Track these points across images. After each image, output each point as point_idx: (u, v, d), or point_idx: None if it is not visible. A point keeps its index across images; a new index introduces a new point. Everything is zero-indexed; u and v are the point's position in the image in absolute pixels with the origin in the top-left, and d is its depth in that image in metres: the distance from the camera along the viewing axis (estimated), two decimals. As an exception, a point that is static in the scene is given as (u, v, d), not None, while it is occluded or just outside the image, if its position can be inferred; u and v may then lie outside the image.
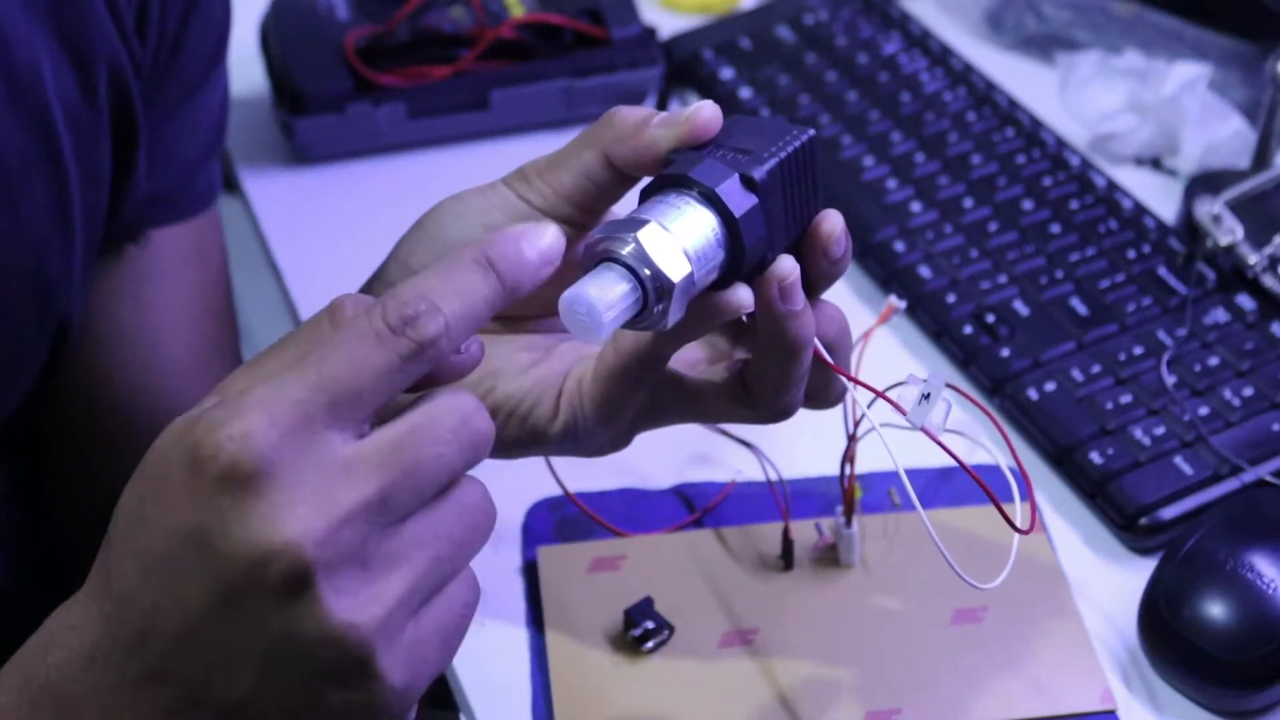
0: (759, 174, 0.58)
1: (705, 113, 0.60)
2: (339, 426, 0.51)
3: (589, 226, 0.64)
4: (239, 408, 0.50)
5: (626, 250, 0.56)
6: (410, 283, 0.53)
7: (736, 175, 0.58)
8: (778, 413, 0.64)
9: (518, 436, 0.66)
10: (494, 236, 0.55)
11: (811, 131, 0.61)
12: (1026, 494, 0.71)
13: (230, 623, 0.51)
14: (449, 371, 0.55)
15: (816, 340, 0.62)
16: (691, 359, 0.65)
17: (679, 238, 0.56)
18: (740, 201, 0.58)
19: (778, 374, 0.62)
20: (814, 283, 0.62)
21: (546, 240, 0.56)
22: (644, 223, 0.56)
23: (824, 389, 0.65)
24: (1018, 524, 0.66)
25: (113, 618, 0.53)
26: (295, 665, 0.51)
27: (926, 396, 0.63)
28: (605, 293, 0.55)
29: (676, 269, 0.56)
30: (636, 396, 0.64)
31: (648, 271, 0.56)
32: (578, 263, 0.58)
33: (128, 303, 0.84)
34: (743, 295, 0.60)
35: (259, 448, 0.50)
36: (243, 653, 0.51)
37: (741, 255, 0.58)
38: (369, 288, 0.68)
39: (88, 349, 0.82)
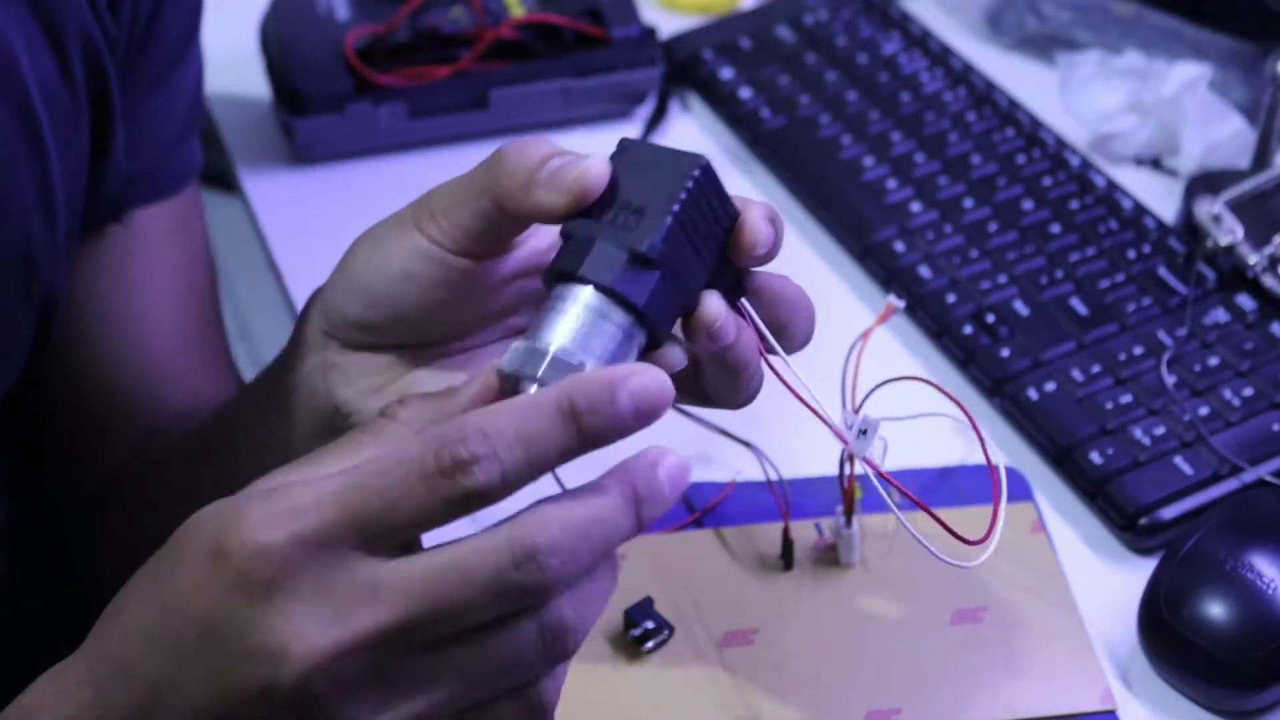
0: (653, 247, 0.56)
1: (591, 176, 0.58)
2: (366, 551, 0.50)
3: (499, 254, 0.63)
4: (271, 512, 0.50)
5: (534, 389, 0.54)
6: (478, 415, 0.50)
7: (627, 256, 0.56)
8: (738, 406, 0.64)
9: None
10: (587, 377, 0.51)
11: (703, 161, 0.58)
12: (995, 495, 0.70)
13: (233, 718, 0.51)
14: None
15: (778, 355, 0.61)
16: None
17: (584, 353, 0.55)
18: (640, 287, 0.56)
19: (729, 386, 0.62)
20: (743, 293, 0.61)
21: (653, 390, 0.52)
22: (544, 354, 0.54)
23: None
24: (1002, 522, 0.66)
25: (105, 690, 0.52)
26: None
27: (864, 432, 0.62)
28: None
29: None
30: None
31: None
32: (483, 287, 0.60)
33: (113, 283, 0.84)
34: (673, 358, 0.58)
35: (278, 560, 0.49)
36: None
37: (657, 330, 0.57)
38: (310, 305, 0.68)
39: (75, 332, 0.83)
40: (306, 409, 0.68)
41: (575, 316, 0.56)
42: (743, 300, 0.61)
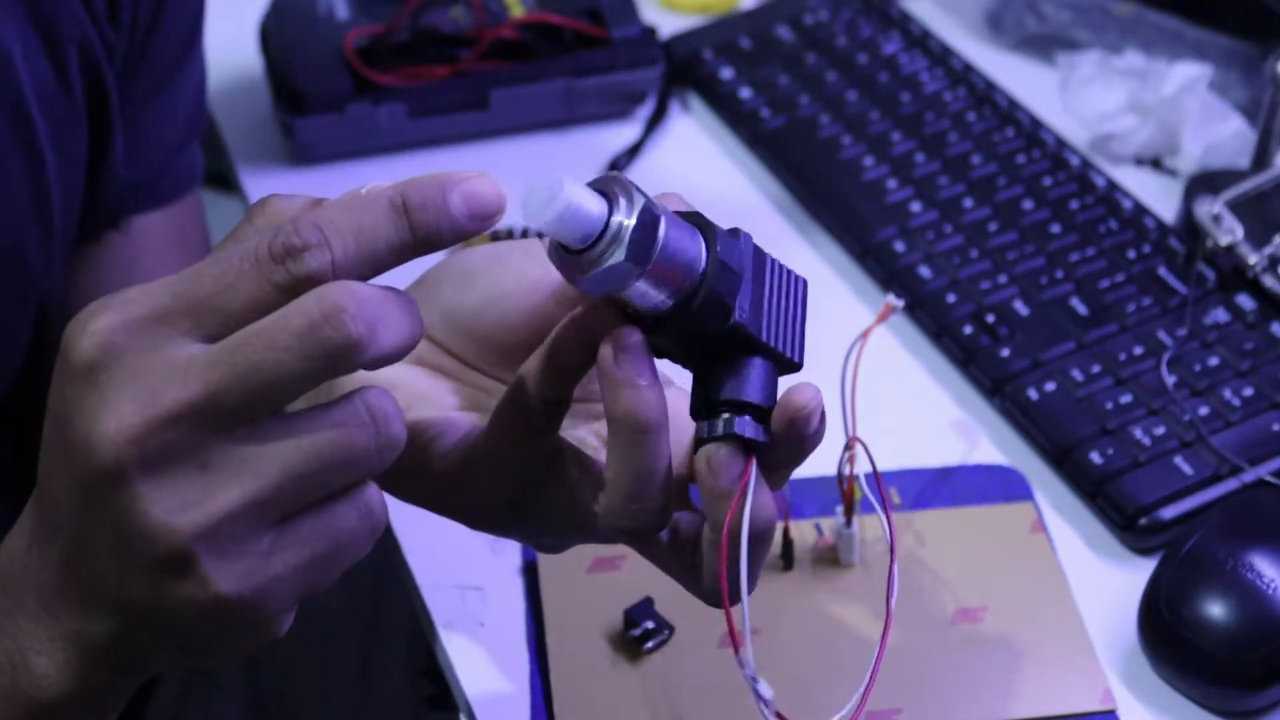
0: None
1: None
2: (192, 334, 0.50)
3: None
4: (108, 302, 0.51)
5: (631, 198, 0.53)
6: (313, 212, 0.52)
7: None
8: (705, 595, 0.61)
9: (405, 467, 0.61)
10: (420, 178, 0.52)
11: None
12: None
13: (85, 507, 0.51)
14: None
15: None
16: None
17: (667, 232, 0.54)
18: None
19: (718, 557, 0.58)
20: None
21: (485, 193, 0.53)
22: (653, 205, 0.53)
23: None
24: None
25: (35, 506, 0.54)
26: (131, 557, 0.51)
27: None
28: (581, 190, 0.52)
29: (644, 251, 0.53)
30: (520, 454, 0.60)
31: (621, 219, 0.53)
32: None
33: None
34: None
35: (101, 342, 0.50)
36: (97, 538, 0.51)
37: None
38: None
39: None
40: None
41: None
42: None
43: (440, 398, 0.63)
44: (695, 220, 0.56)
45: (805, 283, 0.59)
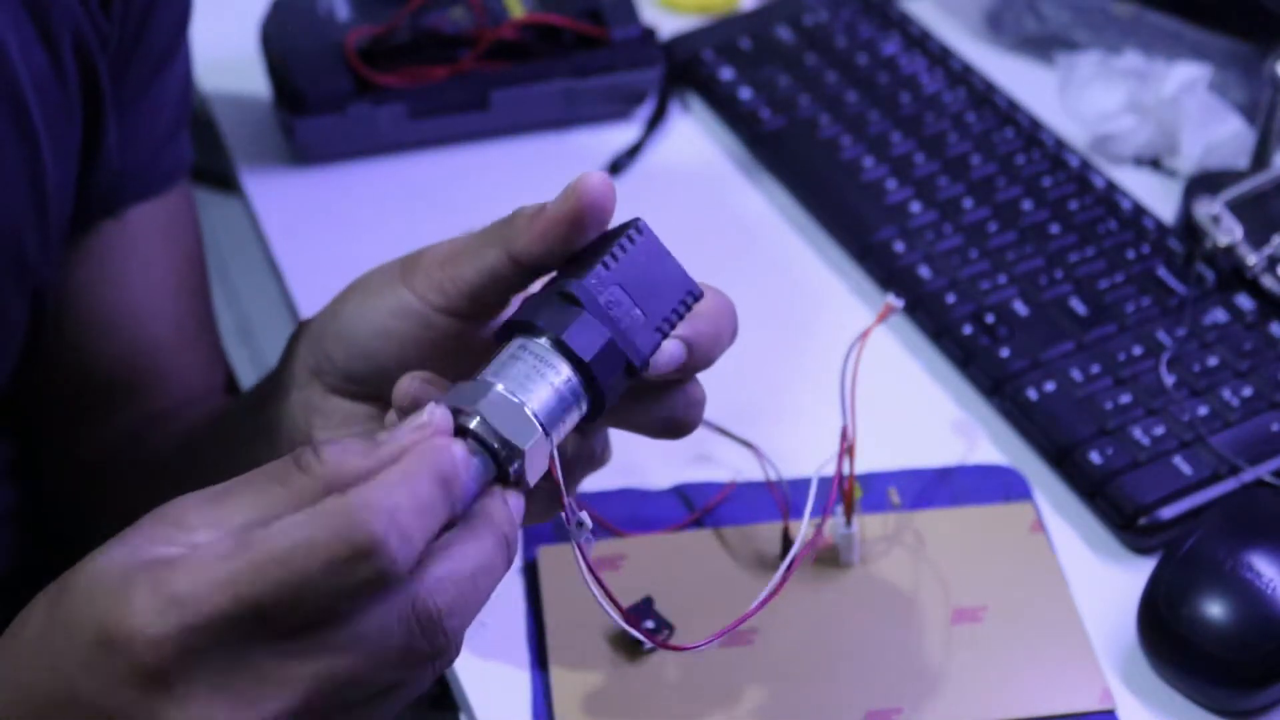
0: (577, 285, 0.58)
1: (588, 181, 0.59)
2: (265, 635, 0.49)
3: (487, 319, 0.64)
4: (160, 602, 0.48)
5: (474, 424, 0.55)
6: (383, 495, 0.51)
7: (559, 299, 0.58)
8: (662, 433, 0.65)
9: None
10: (488, 501, 0.55)
11: (638, 220, 0.60)
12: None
13: None
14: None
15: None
16: None
17: (528, 399, 0.56)
18: (587, 342, 0.57)
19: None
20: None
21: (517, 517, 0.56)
22: (490, 386, 0.56)
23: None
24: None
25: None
26: None
27: (580, 524, 0.61)
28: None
29: (525, 435, 0.56)
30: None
31: (495, 444, 0.56)
32: (466, 348, 0.61)
33: (109, 284, 0.84)
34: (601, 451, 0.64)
35: (170, 654, 0.48)
36: None
37: (602, 399, 0.58)
38: (299, 336, 0.69)
39: (70, 327, 0.83)
40: (291, 444, 0.68)
41: (523, 361, 0.57)
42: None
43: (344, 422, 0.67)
44: (565, 298, 0.59)
45: (693, 292, 0.61)
